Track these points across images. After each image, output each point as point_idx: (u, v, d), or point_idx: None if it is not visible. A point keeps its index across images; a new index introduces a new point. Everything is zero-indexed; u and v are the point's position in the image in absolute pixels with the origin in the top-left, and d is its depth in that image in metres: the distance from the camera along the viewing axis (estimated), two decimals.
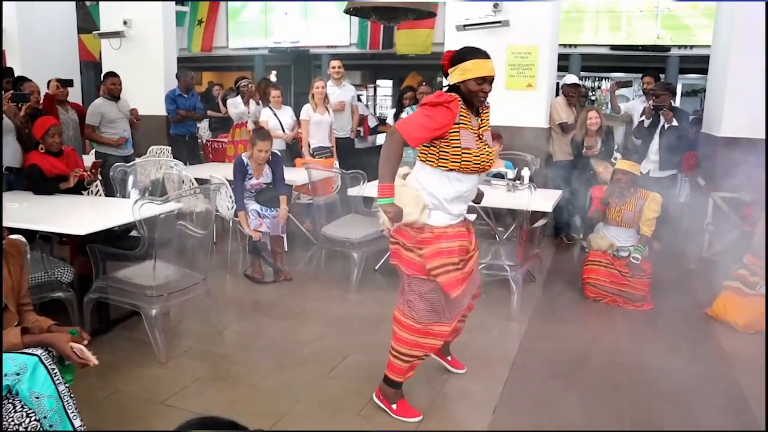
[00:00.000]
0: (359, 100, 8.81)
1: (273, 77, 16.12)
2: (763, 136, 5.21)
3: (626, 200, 4.70)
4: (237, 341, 3.88)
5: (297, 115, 6.67)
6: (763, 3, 5.36)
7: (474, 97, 2.73)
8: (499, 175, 5.16)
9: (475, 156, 2.70)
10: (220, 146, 8.12)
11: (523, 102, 6.21)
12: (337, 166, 6.26)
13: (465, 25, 6.10)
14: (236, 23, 14.97)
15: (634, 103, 6.78)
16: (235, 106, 7.24)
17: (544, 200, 4.64)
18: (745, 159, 4.85)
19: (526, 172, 5.10)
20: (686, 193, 6.91)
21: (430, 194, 2.75)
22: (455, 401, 3.14)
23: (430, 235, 2.75)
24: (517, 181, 4.97)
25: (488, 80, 2.72)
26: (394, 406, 2.93)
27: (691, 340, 4.03)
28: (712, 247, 5.69)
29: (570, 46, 12.64)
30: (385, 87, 16.64)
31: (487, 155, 2.77)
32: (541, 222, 4.85)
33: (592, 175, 5.74)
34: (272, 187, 4.96)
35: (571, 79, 6.65)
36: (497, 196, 4.70)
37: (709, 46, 7.05)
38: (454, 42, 5.95)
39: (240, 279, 5.01)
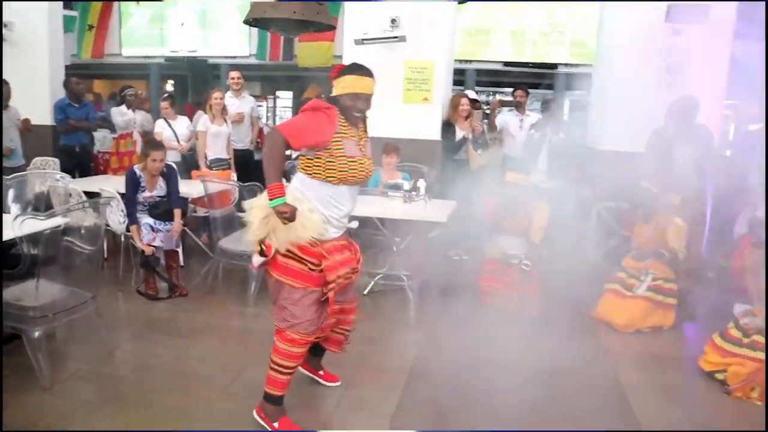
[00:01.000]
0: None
1: (169, 87, 15.68)
2: (640, 150, 5.59)
3: (518, 210, 4.92)
4: (129, 361, 3.75)
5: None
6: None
7: (347, 112, 2.80)
8: (396, 187, 5.27)
9: (360, 164, 2.79)
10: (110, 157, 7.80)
11: (419, 115, 6.37)
12: (235, 178, 6.18)
13: (363, 39, 6.20)
14: (129, 30, 14.43)
15: (505, 117, 7.10)
16: (120, 114, 6.98)
17: (439, 211, 4.77)
18: (624, 171, 5.22)
19: (422, 183, 5.24)
20: (570, 202, 7.30)
21: (318, 210, 2.78)
22: (353, 412, 3.17)
23: (324, 250, 2.78)
24: (413, 192, 5.10)
25: (362, 97, 2.80)
26: (275, 424, 2.89)
27: (578, 341, 4.27)
28: (596, 253, 6.05)
29: (465, 61, 13.09)
30: (285, 98, 16.54)
31: (369, 165, 2.88)
32: (436, 232, 5.00)
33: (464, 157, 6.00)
34: (166, 200, 4.83)
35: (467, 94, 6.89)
36: (394, 207, 4.81)
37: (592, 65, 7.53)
38: (352, 56, 6.03)
39: (132, 296, 4.83)
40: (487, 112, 14.52)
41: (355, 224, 3.06)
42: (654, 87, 5.85)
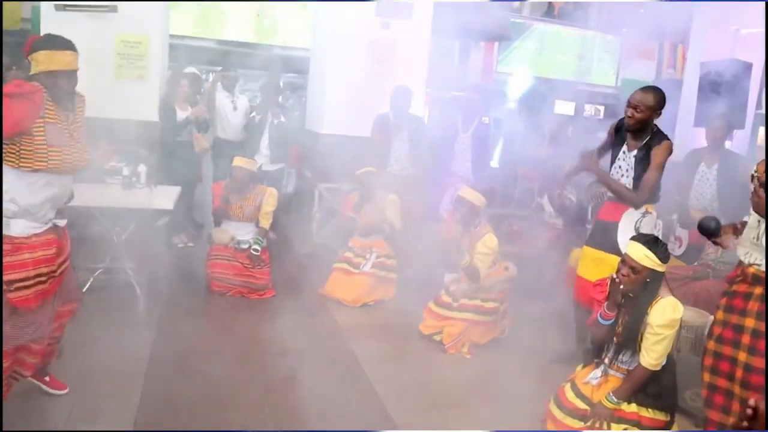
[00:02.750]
0: None
1: None
2: (357, 134, 5.94)
3: (246, 195, 4.90)
4: None
5: None
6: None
7: (51, 92, 2.51)
8: (114, 172, 4.85)
9: (66, 155, 2.52)
10: None
11: (134, 94, 5.90)
12: None
13: (66, 6, 5.52)
14: None
15: (219, 99, 6.91)
16: None
17: (164, 197, 4.52)
18: (344, 153, 5.53)
19: (142, 168, 4.89)
20: (293, 185, 7.50)
21: (11, 200, 2.45)
22: (88, 424, 2.85)
23: (9, 247, 2.44)
24: (134, 178, 4.74)
25: (61, 75, 2.53)
26: None
27: (310, 319, 4.45)
28: (320, 233, 6.32)
29: (178, 37, 12.49)
30: None
31: (80, 153, 2.61)
32: (163, 220, 4.75)
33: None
34: None
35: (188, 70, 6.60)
36: (112, 195, 4.44)
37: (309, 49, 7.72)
38: (50, 24, 5.35)
39: None
40: (203, 90, 14.09)
41: (63, 222, 2.73)
42: (366, 75, 6.27)
